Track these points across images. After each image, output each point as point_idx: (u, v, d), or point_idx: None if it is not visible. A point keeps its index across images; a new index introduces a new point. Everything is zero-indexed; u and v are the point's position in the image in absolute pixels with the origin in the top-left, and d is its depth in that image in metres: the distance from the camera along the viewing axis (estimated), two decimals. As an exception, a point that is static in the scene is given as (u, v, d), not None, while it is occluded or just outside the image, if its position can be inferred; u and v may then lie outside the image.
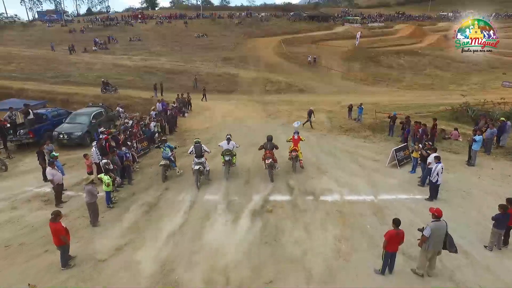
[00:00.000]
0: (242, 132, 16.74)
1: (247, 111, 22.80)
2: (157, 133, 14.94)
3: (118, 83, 30.50)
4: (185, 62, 37.82)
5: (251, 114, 21.58)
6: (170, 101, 22.95)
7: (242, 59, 38.86)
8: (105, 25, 52.75)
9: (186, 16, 60.64)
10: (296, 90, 30.67)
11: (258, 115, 21.49)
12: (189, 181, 10.84)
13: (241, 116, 21.17)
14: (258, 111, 22.65)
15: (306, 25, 60.60)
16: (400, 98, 28.62)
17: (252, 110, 22.94)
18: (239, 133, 15.68)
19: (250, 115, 21.41)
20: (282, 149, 11.99)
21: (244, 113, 22.24)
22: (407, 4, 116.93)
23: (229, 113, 21.73)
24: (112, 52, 41.15)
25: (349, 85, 34.22)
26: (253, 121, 19.72)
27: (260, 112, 22.38)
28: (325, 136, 16.90)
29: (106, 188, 9.12)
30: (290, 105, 25.43)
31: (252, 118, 20.68)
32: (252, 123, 18.85)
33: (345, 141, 15.99)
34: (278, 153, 11.69)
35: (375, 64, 42.94)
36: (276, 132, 15.68)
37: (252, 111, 22.80)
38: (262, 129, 16.96)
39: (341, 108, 24.15)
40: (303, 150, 12.31)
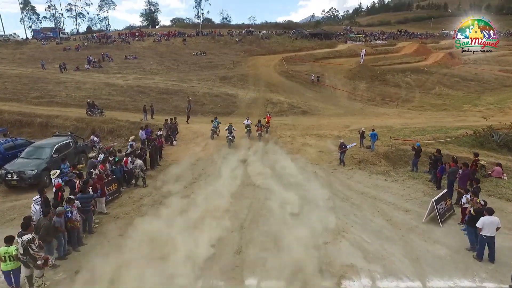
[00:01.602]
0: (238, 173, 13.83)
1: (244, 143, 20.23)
2: (141, 171, 12.29)
3: (106, 104, 28.32)
4: (181, 81, 35.72)
5: (250, 144, 19.02)
6: (160, 125, 20.66)
7: (242, 78, 36.81)
8: (101, 43, 51.23)
9: (185, 33, 59.34)
10: (299, 112, 28.29)
11: (258, 144, 18.93)
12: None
13: (239, 144, 18.61)
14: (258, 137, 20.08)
15: (308, 43, 59.18)
16: (413, 121, 26.18)
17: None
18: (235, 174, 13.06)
19: (249, 143, 18.85)
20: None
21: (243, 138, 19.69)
22: (407, 23, 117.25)
23: (225, 139, 19.16)
24: (106, 71, 39.21)
25: (356, 106, 31.89)
26: (252, 150, 17.16)
27: (262, 141, 19.81)
28: (336, 171, 14.27)
29: (5, 266, 6.25)
30: (293, 130, 22.96)
31: (251, 146, 18.12)
32: (252, 154, 16.25)
33: (361, 178, 13.32)
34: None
35: (382, 83, 40.83)
36: (285, 172, 13.14)
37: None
38: (262, 167, 14.28)
39: (350, 133, 21.66)
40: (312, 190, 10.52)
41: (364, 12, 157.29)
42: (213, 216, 9.13)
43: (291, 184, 11.83)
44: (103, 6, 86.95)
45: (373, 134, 17.72)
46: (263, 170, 13.47)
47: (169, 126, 18.65)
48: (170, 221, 8.62)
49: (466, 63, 59.34)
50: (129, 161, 12.12)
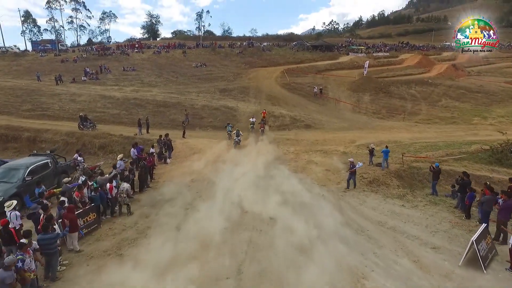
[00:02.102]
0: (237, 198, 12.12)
1: (246, 153, 18.88)
2: (127, 196, 10.80)
3: (100, 117, 27.12)
4: (180, 94, 34.62)
5: (252, 158, 17.62)
6: (155, 140, 19.32)
7: (242, 91, 35.72)
8: (100, 54, 50.54)
9: (185, 45, 58.74)
10: (302, 126, 26.96)
11: (260, 160, 17.53)
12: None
13: (239, 161, 17.21)
14: (260, 154, 18.71)
15: (310, 55, 58.48)
16: (422, 135, 24.81)
17: (252, 152, 19.02)
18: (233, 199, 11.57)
19: (250, 160, 17.44)
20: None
21: (243, 156, 18.30)
22: (407, 35, 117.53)
23: (223, 157, 17.78)
24: (103, 83, 38.21)
25: (361, 119, 30.58)
26: (254, 169, 15.73)
27: (262, 156, 18.44)
28: (346, 194, 12.80)
29: None
30: (297, 145, 21.59)
31: (252, 164, 16.70)
32: (254, 174, 14.80)
33: (375, 203, 11.85)
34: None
35: (386, 95, 39.65)
36: (289, 196, 11.72)
37: (252, 153, 18.87)
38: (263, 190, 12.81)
39: (357, 149, 20.27)
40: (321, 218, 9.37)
41: (364, 25, 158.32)
42: (204, 259, 7.65)
43: (297, 211, 10.38)
44: (104, 18, 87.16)
45: (386, 151, 16.34)
46: (265, 194, 12.03)
47: (163, 142, 17.30)
48: (151, 264, 7.14)
49: (471, 74, 58.47)
50: (113, 186, 10.66)
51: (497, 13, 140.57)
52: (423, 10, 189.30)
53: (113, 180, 10.80)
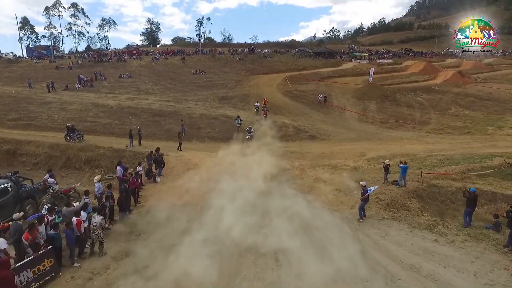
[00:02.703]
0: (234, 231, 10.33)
1: (246, 168, 17.01)
2: (101, 229, 8.82)
3: (91, 127, 25.41)
4: (177, 102, 32.96)
5: (252, 175, 15.75)
6: (147, 153, 17.51)
7: (243, 99, 34.05)
8: (96, 61, 49.12)
9: (184, 52, 57.37)
10: (306, 137, 25.17)
11: (261, 177, 15.68)
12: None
13: (238, 178, 15.35)
14: (261, 169, 16.86)
15: (312, 61, 57.03)
16: (436, 147, 22.96)
17: (253, 167, 17.16)
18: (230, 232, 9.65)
19: (250, 176, 15.57)
20: None
21: (242, 172, 16.43)
22: (409, 42, 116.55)
23: (220, 173, 15.91)
24: (97, 90, 36.64)
25: (369, 129, 28.79)
26: (254, 189, 13.89)
27: (264, 171, 16.59)
28: (363, 223, 10.92)
29: None
30: (302, 159, 19.78)
31: (253, 182, 14.85)
32: (254, 195, 12.95)
33: (400, 236, 9.95)
34: None
35: (393, 103, 37.95)
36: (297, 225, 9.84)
37: (253, 168, 17.01)
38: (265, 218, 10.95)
39: (368, 163, 18.43)
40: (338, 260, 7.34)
41: (366, 32, 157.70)
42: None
43: (308, 250, 8.52)
44: (103, 25, 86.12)
45: (404, 167, 14.51)
46: (267, 222, 10.20)
47: (154, 158, 15.48)
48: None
49: (477, 82, 56.88)
50: (82, 221, 8.64)
51: (499, 20, 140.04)
52: (423, 18, 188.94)
53: (81, 212, 8.78)
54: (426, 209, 13.32)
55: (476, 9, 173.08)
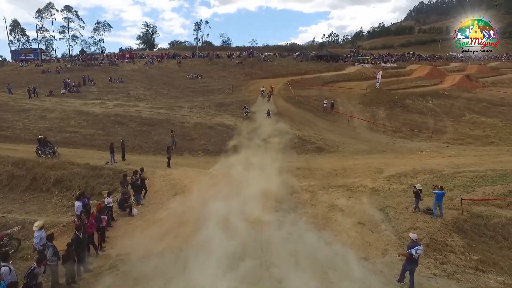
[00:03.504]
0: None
1: (247, 192, 14.17)
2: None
3: (70, 138, 22.61)
4: (170, 109, 30.19)
5: (253, 201, 12.93)
6: (130, 172, 14.67)
7: (241, 105, 31.27)
8: (86, 65, 46.37)
9: (180, 55, 54.72)
10: (313, 149, 22.40)
11: (264, 204, 12.88)
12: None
13: (235, 207, 12.51)
14: (264, 194, 14.05)
15: (314, 65, 54.43)
16: (460, 160, 20.19)
17: (254, 191, 14.33)
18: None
19: (250, 204, 12.74)
20: None
21: (242, 197, 13.60)
22: (410, 46, 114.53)
23: (214, 199, 13.05)
24: (83, 96, 33.84)
25: (381, 139, 26.04)
26: (256, 224, 11.06)
27: (267, 197, 13.79)
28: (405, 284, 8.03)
29: None
30: (310, 178, 17.00)
31: (253, 213, 12.02)
32: (255, 235, 10.12)
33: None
34: None
35: (403, 110, 35.30)
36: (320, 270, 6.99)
37: (254, 193, 14.19)
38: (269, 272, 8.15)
39: (388, 183, 15.65)
40: None
41: (366, 36, 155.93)
42: None
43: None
44: (98, 28, 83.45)
45: (440, 194, 11.73)
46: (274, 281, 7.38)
47: (132, 183, 12.61)
48: None
49: (486, 86, 54.47)
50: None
51: (500, 24, 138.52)
52: (423, 22, 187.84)
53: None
54: (473, 248, 10.55)
55: (475, 12, 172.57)
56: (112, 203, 10.91)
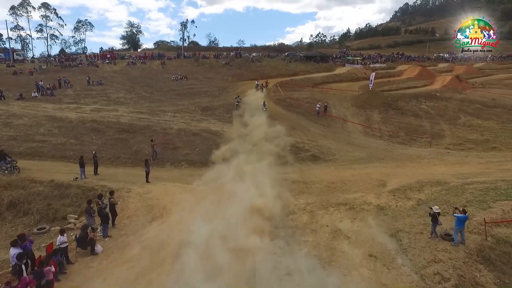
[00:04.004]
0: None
1: (236, 214, 12.25)
2: None
3: (37, 149, 20.20)
4: (152, 114, 27.96)
5: (243, 229, 11.02)
6: (99, 189, 12.52)
7: (229, 109, 29.35)
8: (63, 66, 43.47)
9: (164, 56, 52.27)
10: (307, 158, 20.64)
11: (253, 231, 10.99)
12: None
13: (223, 232, 10.60)
14: (253, 216, 12.17)
15: (304, 66, 52.96)
16: (465, 169, 18.77)
17: (244, 213, 12.42)
18: None
19: (240, 231, 10.84)
20: None
21: (230, 220, 11.68)
22: (397, 47, 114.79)
23: (199, 225, 11.08)
24: (58, 100, 31.20)
25: (378, 145, 24.55)
26: (246, 260, 9.16)
27: (257, 220, 11.91)
28: None
29: None
30: (307, 193, 15.22)
31: (245, 241, 10.13)
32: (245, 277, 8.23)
33: None
34: None
35: (397, 112, 34.00)
36: None
37: (245, 215, 12.29)
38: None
39: (394, 199, 14.02)
40: None
41: (353, 36, 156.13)
42: None
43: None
44: (79, 28, 79.79)
45: (463, 218, 10.12)
46: None
47: (98, 210, 10.47)
48: None
49: (475, 87, 54.18)
50: None
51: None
52: (409, 23, 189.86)
53: None
54: (507, 285, 8.94)
55: (457, 14, 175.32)
56: (66, 242, 8.79)
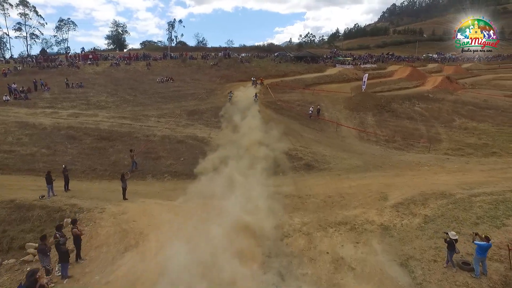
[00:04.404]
0: None
1: (223, 239, 10.74)
2: None
3: (2, 161, 18.20)
4: (134, 119, 26.14)
5: (232, 261, 9.51)
6: (68, 210, 10.82)
7: (217, 113, 27.73)
8: (41, 67, 41.05)
9: (150, 56, 50.21)
10: (300, 167, 19.25)
11: (242, 262, 9.49)
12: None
13: (204, 266, 9.08)
14: (242, 241, 10.68)
15: (294, 66, 51.64)
16: (468, 177, 17.66)
17: (230, 235, 10.92)
18: None
19: (224, 260, 9.33)
20: None
21: (217, 247, 10.16)
22: (385, 47, 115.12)
23: (178, 255, 9.52)
24: (33, 104, 29.03)
25: (375, 151, 23.38)
26: None
27: (247, 246, 10.43)
28: None
29: None
30: (302, 209, 13.79)
31: (230, 274, 8.61)
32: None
33: None
34: None
35: (391, 115, 33.07)
36: None
37: (230, 236, 10.79)
38: None
39: (398, 216, 12.76)
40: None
41: (342, 36, 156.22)
42: None
43: None
44: (61, 27, 76.62)
45: (485, 246, 8.83)
46: None
47: (56, 246, 8.77)
48: None
49: (466, 87, 54.02)
50: None
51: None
52: (397, 23, 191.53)
53: None
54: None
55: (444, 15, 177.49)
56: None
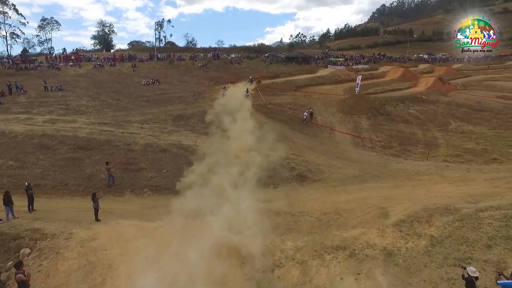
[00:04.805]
0: None
1: (200, 270, 9.29)
2: None
3: (-38, 176, 16.37)
4: (116, 125, 24.44)
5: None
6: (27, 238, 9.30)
7: (204, 117, 26.18)
8: (18, 69, 38.86)
9: (136, 57, 48.31)
10: (293, 178, 17.90)
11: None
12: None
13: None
14: (228, 274, 9.27)
15: (285, 68, 50.39)
16: (473, 189, 16.55)
17: (213, 266, 9.47)
18: None
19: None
20: None
21: (194, 283, 8.72)
22: (376, 47, 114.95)
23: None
24: (5, 109, 27.07)
25: (371, 159, 22.19)
26: None
27: (232, 279, 9.03)
28: None
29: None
30: (295, 231, 12.42)
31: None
32: None
33: None
34: None
35: (386, 118, 31.98)
36: None
37: (213, 267, 9.35)
38: None
39: (402, 237, 11.55)
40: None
41: (333, 37, 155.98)
42: None
43: None
44: (44, 26, 73.83)
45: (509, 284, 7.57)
46: None
47: None
48: None
49: (458, 88, 53.58)
50: None
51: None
52: (387, 24, 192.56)
53: None
54: None
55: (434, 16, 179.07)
56: None
